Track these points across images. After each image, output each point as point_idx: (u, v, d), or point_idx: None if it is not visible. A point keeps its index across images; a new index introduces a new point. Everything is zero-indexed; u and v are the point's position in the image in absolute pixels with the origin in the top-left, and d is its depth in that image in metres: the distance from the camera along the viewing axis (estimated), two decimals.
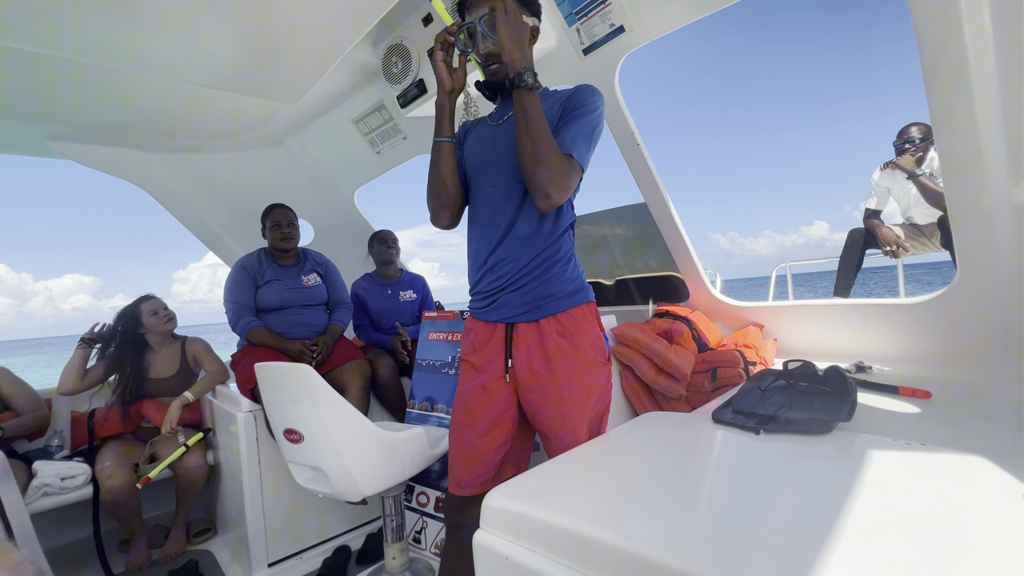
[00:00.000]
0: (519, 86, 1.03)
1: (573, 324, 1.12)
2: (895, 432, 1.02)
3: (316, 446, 1.47)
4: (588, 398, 1.11)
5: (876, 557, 0.55)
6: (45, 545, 1.68)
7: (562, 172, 1.02)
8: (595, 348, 1.13)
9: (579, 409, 1.10)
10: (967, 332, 1.52)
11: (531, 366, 1.12)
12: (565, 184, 1.03)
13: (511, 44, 1.04)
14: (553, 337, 1.11)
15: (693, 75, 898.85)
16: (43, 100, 1.96)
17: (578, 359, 1.10)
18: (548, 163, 1.01)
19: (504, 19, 1.04)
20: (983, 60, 1.17)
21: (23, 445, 2.21)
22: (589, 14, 1.69)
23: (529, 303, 1.12)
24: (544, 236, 1.12)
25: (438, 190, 1.20)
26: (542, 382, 1.11)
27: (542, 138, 1.01)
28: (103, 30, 1.51)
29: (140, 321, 2.29)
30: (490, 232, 1.15)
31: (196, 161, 2.69)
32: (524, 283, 1.12)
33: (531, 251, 1.12)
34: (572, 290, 1.13)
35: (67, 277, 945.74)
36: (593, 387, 1.12)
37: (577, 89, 1.13)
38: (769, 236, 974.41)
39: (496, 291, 1.15)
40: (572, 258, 1.17)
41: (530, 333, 1.12)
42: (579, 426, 1.10)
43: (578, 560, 0.64)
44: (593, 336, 1.13)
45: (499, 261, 1.14)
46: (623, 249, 2.67)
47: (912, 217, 2.81)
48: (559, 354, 1.10)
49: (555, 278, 1.12)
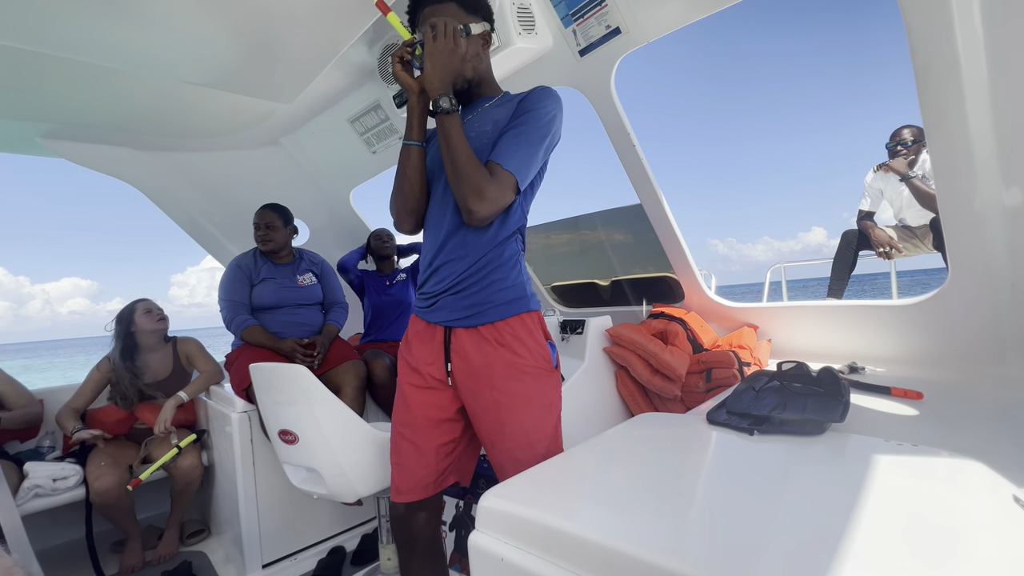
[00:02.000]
0: (435, 112, 1.04)
1: (511, 332, 1.09)
2: (887, 433, 1.03)
3: (311, 447, 1.46)
4: (530, 406, 1.09)
5: (868, 558, 0.55)
6: (37, 547, 1.67)
7: (482, 187, 1.00)
8: (536, 356, 1.10)
9: (520, 418, 1.08)
10: (959, 333, 1.54)
11: (469, 372, 1.10)
12: (489, 197, 1.01)
13: (431, 73, 1.05)
14: (492, 344, 1.09)
15: (689, 79, 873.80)
16: (35, 98, 1.95)
17: (517, 367, 1.08)
18: (467, 180, 1.01)
19: (430, 47, 1.05)
20: (974, 63, 1.18)
21: (14, 446, 2.20)
22: (585, 15, 1.69)
23: (468, 308, 1.10)
24: (486, 241, 1.10)
25: (404, 194, 1.17)
26: (481, 389, 1.09)
27: (459, 158, 1.01)
28: (96, 27, 1.49)
29: (133, 320, 2.28)
30: (437, 233, 1.14)
31: (190, 160, 2.68)
32: (464, 287, 1.10)
33: (472, 255, 1.10)
34: (512, 298, 1.11)
35: (65, 280, 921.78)
36: (535, 396, 1.09)
37: (529, 93, 1.12)
38: (767, 242, 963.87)
39: (438, 293, 1.14)
40: (517, 265, 1.14)
41: (468, 339, 1.11)
42: (529, 434, 1.08)
43: (573, 561, 0.64)
44: (534, 344, 1.11)
45: (443, 263, 1.13)
46: (618, 250, 2.67)
47: (905, 219, 2.83)
48: (498, 361, 1.08)
49: (496, 284, 1.10)
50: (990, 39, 1.15)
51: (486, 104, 1.18)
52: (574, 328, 2.03)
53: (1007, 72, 1.16)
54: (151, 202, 2.76)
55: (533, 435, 1.09)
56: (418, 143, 1.15)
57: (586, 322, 2.00)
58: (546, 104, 1.09)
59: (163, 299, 14.46)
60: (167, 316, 2.38)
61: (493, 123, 1.12)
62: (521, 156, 1.05)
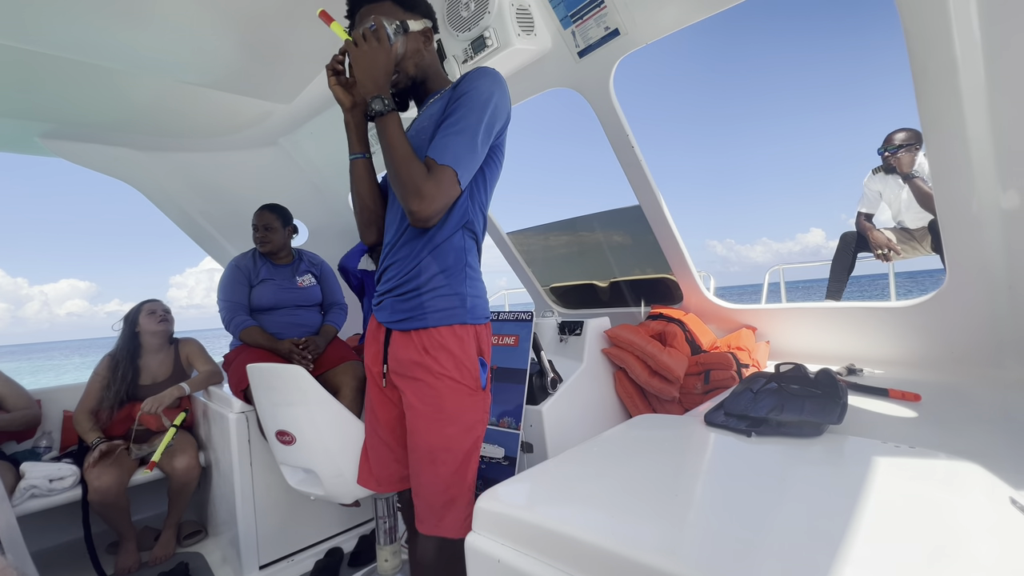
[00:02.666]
0: (370, 116, 1.03)
1: (440, 342, 1.05)
2: (885, 435, 1.03)
3: (308, 448, 1.46)
4: (439, 422, 1.04)
5: (865, 559, 0.55)
6: (32, 548, 1.66)
7: (419, 186, 0.98)
8: (463, 371, 1.05)
9: (427, 432, 1.05)
10: (957, 335, 1.54)
11: (399, 374, 1.10)
12: (428, 195, 0.98)
13: (359, 76, 1.03)
14: (418, 351, 1.06)
15: (689, 81, 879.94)
16: (34, 97, 1.95)
17: (440, 376, 1.04)
18: (404, 180, 0.98)
19: (353, 53, 1.04)
20: (972, 66, 1.18)
21: (11, 446, 2.19)
22: (584, 17, 1.69)
23: (404, 311, 1.08)
24: (426, 243, 1.07)
25: (357, 208, 1.19)
26: (404, 394, 1.09)
27: (395, 158, 0.99)
28: (95, 27, 1.49)
29: (138, 321, 2.28)
30: (390, 233, 1.15)
31: (189, 160, 2.68)
32: (406, 290, 1.09)
33: (413, 258, 1.08)
34: (447, 307, 1.06)
35: (63, 282, 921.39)
36: (449, 411, 1.05)
37: (462, 78, 1.07)
38: (766, 243, 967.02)
39: (383, 293, 1.14)
40: (463, 271, 1.09)
41: (401, 342, 1.09)
42: (428, 452, 1.05)
43: (570, 563, 0.64)
44: (463, 357, 1.06)
45: (389, 264, 1.13)
46: (617, 251, 2.67)
47: (903, 221, 2.83)
48: (421, 369, 1.05)
49: (434, 291, 1.07)
50: (987, 41, 1.15)
51: (431, 100, 1.16)
52: (572, 329, 2.03)
53: (1004, 75, 1.17)
54: (150, 203, 2.76)
55: (438, 453, 1.05)
56: (360, 155, 1.16)
57: (584, 323, 2.00)
58: (478, 85, 1.04)
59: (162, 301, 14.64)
60: (171, 319, 2.37)
61: (431, 119, 1.09)
62: (457, 146, 1.00)
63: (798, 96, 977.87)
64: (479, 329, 1.10)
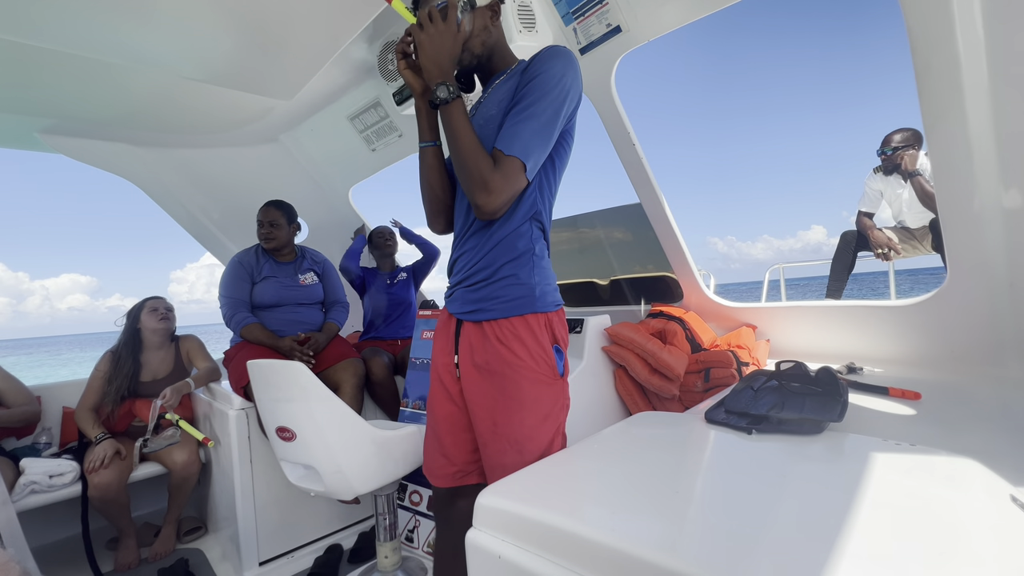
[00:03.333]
0: (434, 105, 0.99)
1: (513, 332, 1.03)
2: (885, 432, 1.03)
3: (308, 444, 1.46)
4: (522, 412, 1.02)
5: (865, 556, 0.55)
6: (33, 544, 1.66)
7: (486, 179, 0.95)
8: (538, 360, 1.03)
9: (511, 422, 1.02)
10: (957, 334, 1.54)
11: (472, 366, 1.07)
12: (495, 189, 0.95)
13: (424, 63, 0.99)
14: (493, 342, 1.04)
15: (688, 81, 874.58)
16: (34, 93, 1.94)
17: (517, 368, 1.02)
18: (470, 173, 0.96)
19: (418, 38, 0.99)
20: (975, 64, 1.18)
21: (10, 443, 2.19)
22: (586, 14, 1.69)
23: (475, 302, 1.07)
24: (495, 234, 1.05)
25: (426, 197, 1.17)
26: (479, 385, 1.06)
27: (461, 150, 0.96)
28: (96, 22, 1.49)
29: (139, 318, 2.28)
30: (459, 224, 1.13)
31: (189, 156, 2.67)
32: (475, 280, 1.07)
33: (484, 248, 1.06)
34: (518, 296, 1.04)
35: (64, 276, 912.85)
36: (530, 401, 1.02)
37: (532, 58, 1.02)
38: (767, 240, 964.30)
39: (454, 285, 1.13)
40: (530, 262, 1.06)
41: (474, 333, 1.07)
42: (519, 440, 1.02)
43: (571, 559, 0.64)
44: (537, 348, 1.03)
45: (461, 254, 1.12)
46: (617, 249, 2.67)
47: (904, 220, 2.83)
48: (497, 360, 1.03)
49: (504, 280, 1.05)
50: (991, 39, 1.15)
51: (497, 81, 1.12)
52: (572, 327, 2.03)
53: (1007, 73, 1.17)
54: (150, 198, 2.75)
55: (524, 443, 1.02)
56: (430, 143, 1.13)
57: (585, 321, 2.00)
58: (550, 66, 0.99)
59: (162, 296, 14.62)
60: (172, 316, 2.36)
61: (499, 104, 1.04)
62: (526, 135, 0.97)
63: (799, 93, 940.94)
64: (551, 317, 1.07)
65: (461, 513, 1.15)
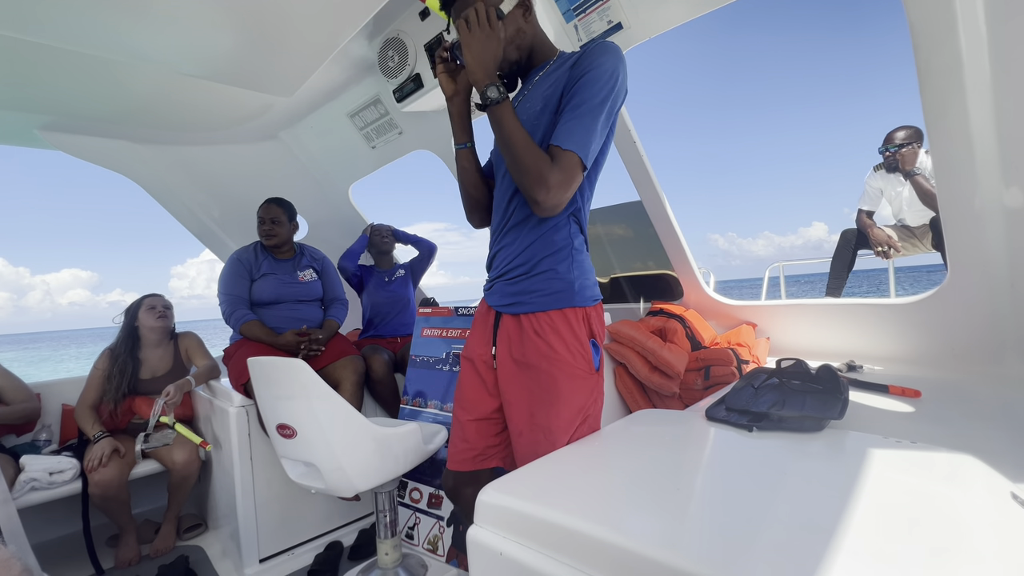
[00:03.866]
0: (484, 106, 0.99)
1: (551, 325, 1.06)
2: (886, 430, 1.03)
3: (309, 441, 1.46)
4: (559, 404, 1.04)
5: (866, 553, 0.55)
6: (33, 540, 1.66)
7: (545, 175, 0.95)
8: (575, 354, 1.05)
9: (550, 414, 1.04)
10: (957, 332, 1.54)
11: (509, 358, 1.10)
12: (554, 184, 0.96)
13: (472, 65, 1.00)
14: (531, 335, 1.07)
15: (688, 74, 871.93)
16: (33, 90, 1.93)
17: (553, 361, 1.04)
18: (527, 170, 0.96)
19: (466, 39, 1.00)
20: (977, 62, 1.18)
21: (11, 440, 2.19)
22: (587, 10, 1.68)
23: (513, 295, 1.10)
24: (535, 229, 1.08)
25: (463, 194, 1.24)
26: (516, 377, 1.08)
27: (516, 148, 0.97)
28: (95, 18, 1.48)
29: (137, 315, 2.28)
30: (497, 218, 1.16)
31: (189, 153, 2.67)
32: (515, 274, 1.10)
33: (521, 243, 1.09)
34: (557, 290, 1.06)
35: (65, 271, 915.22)
36: (566, 394, 1.04)
37: (582, 55, 1.03)
38: (768, 237, 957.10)
39: (494, 278, 1.16)
40: (569, 256, 1.08)
41: (512, 325, 1.10)
42: (553, 432, 1.04)
43: (572, 556, 0.64)
44: (573, 341, 1.06)
45: (500, 249, 1.15)
46: (618, 247, 2.67)
47: (904, 219, 2.83)
48: (534, 353, 1.06)
49: (543, 275, 1.07)
50: (993, 37, 1.15)
51: (537, 76, 1.12)
52: None
53: (1010, 71, 1.16)
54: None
55: (558, 435, 1.04)
56: (464, 145, 1.18)
57: None
58: (602, 62, 0.99)
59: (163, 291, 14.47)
60: (170, 314, 2.36)
61: (543, 99, 1.05)
62: (581, 131, 0.97)
63: (799, 86, 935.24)
64: (589, 311, 1.09)
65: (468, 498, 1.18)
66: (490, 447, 1.17)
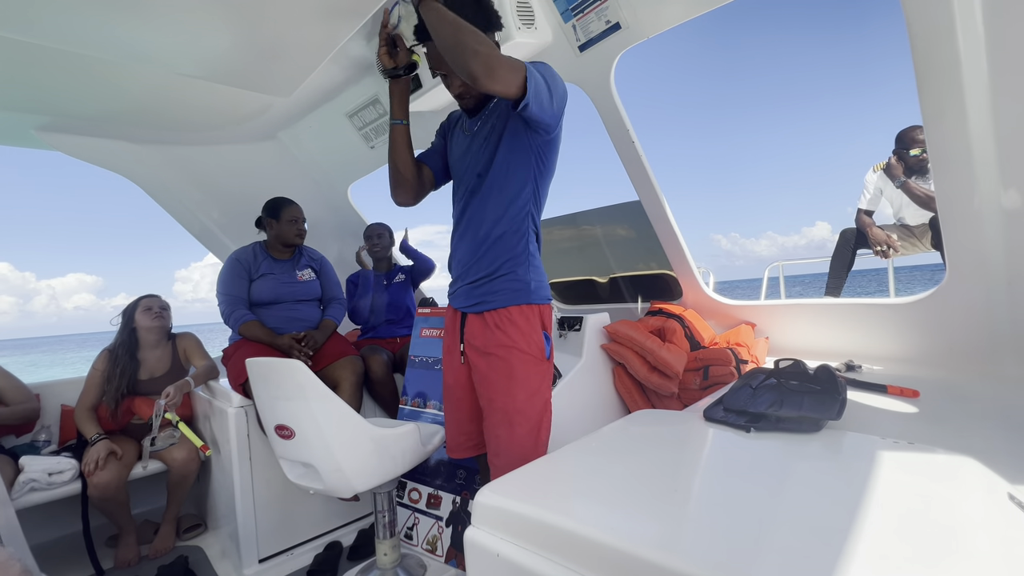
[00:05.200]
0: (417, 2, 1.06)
1: (508, 318, 1.20)
2: (884, 430, 1.03)
3: (307, 442, 1.46)
4: (512, 385, 1.18)
5: (864, 554, 0.55)
6: (32, 541, 1.66)
7: (479, 50, 0.98)
8: (529, 343, 1.20)
9: (503, 395, 1.18)
10: (956, 332, 1.54)
11: (474, 350, 1.24)
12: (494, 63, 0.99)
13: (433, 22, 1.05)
14: (491, 328, 1.21)
15: (691, 73, 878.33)
16: (31, 90, 1.93)
17: (509, 348, 1.18)
18: (463, 47, 0.99)
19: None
20: (975, 62, 1.18)
21: (10, 440, 2.19)
22: (585, 10, 1.68)
23: (477, 296, 1.23)
24: (490, 233, 1.20)
25: (392, 170, 1.32)
26: (478, 366, 1.23)
27: (447, 28, 1.01)
28: (93, 19, 1.48)
29: (134, 317, 2.28)
30: (457, 226, 1.28)
31: (187, 154, 2.66)
32: (477, 278, 1.23)
33: (481, 248, 1.21)
34: (516, 288, 1.21)
35: (70, 276, 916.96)
36: (518, 376, 1.18)
37: None
38: (771, 237, 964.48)
39: (456, 280, 1.29)
40: (526, 260, 1.22)
41: (476, 322, 1.24)
42: (505, 414, 1.18)
43: (569, 557, 0.64)
44: (529, 332, 1.20)
45: (457, 253, 1.28)
46: (617, 247, 2.67)
47: (904, 218, 2.83)
48: (494, 343, 1.20)
49: (504, 276, 1.21)
50: (991, 36, 1.14)
51: (489, 106, 1.25)
52: (572, 325, 2.03)
53: (1008, 70, 1.16)
54: None
55: (513, 416, 1.18)
56: (399, 122, 1.28)
57: (584, 319, 2.00)
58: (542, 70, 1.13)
59: (167, 294, 14.53)
60: (167, 315, 2.36)
61: (492, 127, 1.20)
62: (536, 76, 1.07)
63: (800, 86, 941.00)
64: (542, 308, 1.25)
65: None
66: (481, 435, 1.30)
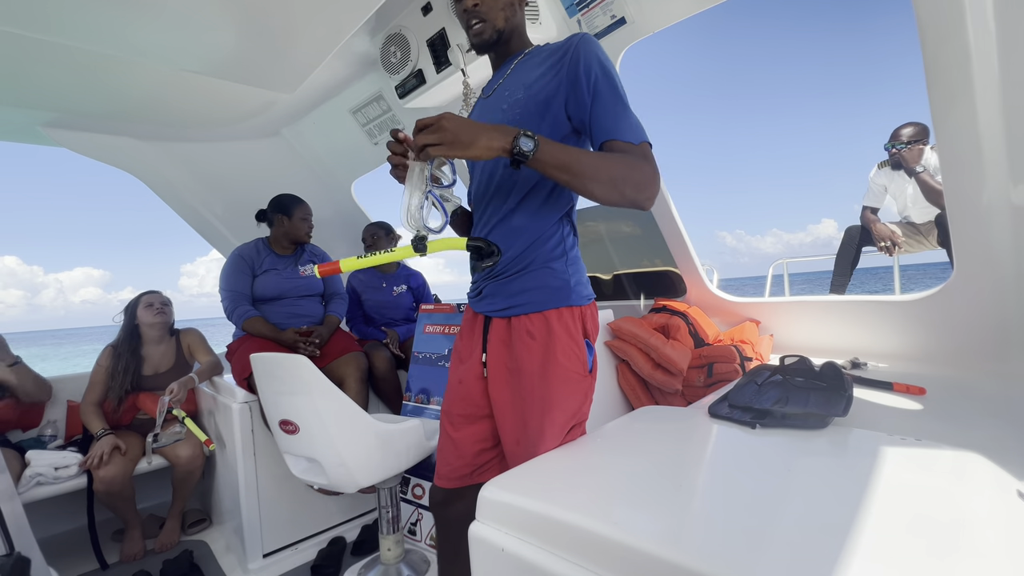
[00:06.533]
0: (522, 162, 0.85)
1: (546, 326, 1.00)
2: (890, 428, 1.02)
3: (311, 437, 1.46)
4: (553, 411, 0.99)
5: (871, 551, 0.55)
6: (39, 535, 1.67)
7: (636, 179, 0.88)
8: (570, 356, 1.00)
9: (544, 422, 0.99)
10: (962, 329, 1.53)
11: (501, 365, 1.04)
12: (638, 179, 0.89)
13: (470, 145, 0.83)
14: (523, 337, 1.01)
15: (698, 68, 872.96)
16: (36, 86, 1.93)
17: (547, 366, 0.99)
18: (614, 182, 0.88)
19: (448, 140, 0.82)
20: (985, 58, 1.16)
21: (16, 435, 2.20)
22: (590, 5, 1.67)
23: (506, 298, 1.03)
24: (528, 228, 1.02)
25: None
26: (508, 385, 1.03)
27: (590, 167, 0.87)
28: (98, 15, 1.48)
29: (136, 313, 2.28)
30: (481, 216, 1.09)
31: (192, 150, 2.67)
32: (506, 276, 1.04)
33: (516, 242, 1.02)
34: (554, 287, 1.01)
35: (77, 270, 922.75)
36: (560, 400, 0.99)
37: (574, 51, 0.97)
38: (776, 234, 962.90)
39: (483, 279, 1.09)
40: (564, 255, 1.03)
41: (502, 329, 1.04)
42: (546, 438, 0.99)
43: (573, 552, 0.64)
44: (568, 342, 1.00)
45: None
46: (620, 244, 2.66)
47: (909, 216, 2.81)
48: (526, 355, 1.00)
49: (539, 271, 1.02)
50: (1002, 32, 1.13)
51: (514, 62, 1.07)
52: None
53: (1018, 66, 1.15)
54: None
55: (550, 440, 1.00)
56: None
57: None
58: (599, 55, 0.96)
59: (173, 289, 14.48)
60: (169, 310, 2.37)
61: (527, 88, 1.00)
62: (629, 122, 0.93)
63: (805, 83, 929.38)
64: (584, 310, 1.04)
65: (460, 513, 1.11)
66: (486, 462, 1.11)
